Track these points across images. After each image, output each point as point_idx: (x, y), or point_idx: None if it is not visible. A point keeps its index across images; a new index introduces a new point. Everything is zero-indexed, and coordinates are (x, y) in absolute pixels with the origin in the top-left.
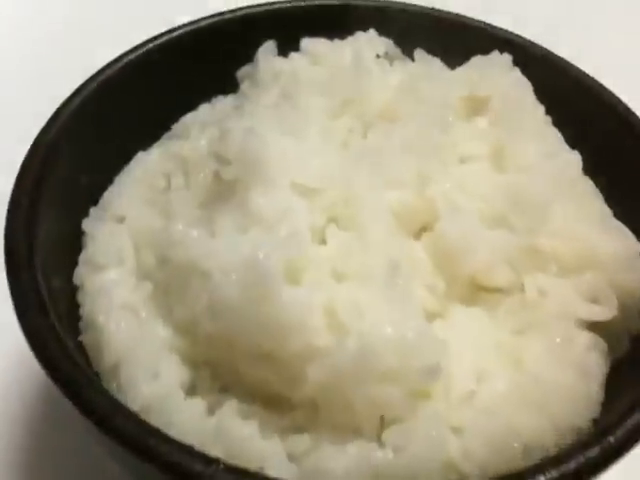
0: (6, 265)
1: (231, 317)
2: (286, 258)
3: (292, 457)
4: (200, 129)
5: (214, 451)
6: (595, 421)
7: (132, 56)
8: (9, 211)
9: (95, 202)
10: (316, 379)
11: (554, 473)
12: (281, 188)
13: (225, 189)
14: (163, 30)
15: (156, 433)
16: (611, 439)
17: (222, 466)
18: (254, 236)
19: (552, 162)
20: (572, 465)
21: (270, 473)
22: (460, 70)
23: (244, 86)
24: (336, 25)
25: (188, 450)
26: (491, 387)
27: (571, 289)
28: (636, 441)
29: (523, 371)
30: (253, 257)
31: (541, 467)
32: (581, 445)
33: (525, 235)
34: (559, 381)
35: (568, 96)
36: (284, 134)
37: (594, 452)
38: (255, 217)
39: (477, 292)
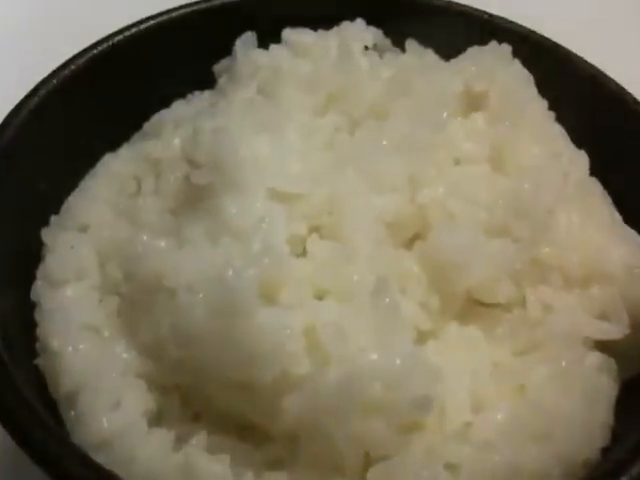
0: None
1: (198, 343)
2: (260, 275)
3: None
4: (173, 128)
5: None
6: (605, 450)
7: (96, 50)
8: None
9: (56, 210)
10: (294, 412)
11: None
12: (256, 194)
13: (196, 195)
14: (131, 22)
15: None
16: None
17: None
18: (225, 249)
19: (556, 164)
20: None
21: None
22: (455, 62)
23: (222, 81)
24: (321, 14)
25: None
26: (490, 418)
27: (578, 304)
28: None
29: (525, 399)
30: (223, 274)
31: None
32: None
33: (527, 245)
34: (565, 409)
35: (573, 90)
36: (261, 133)
37: None
38: (227, 227)
39: (474, 308)
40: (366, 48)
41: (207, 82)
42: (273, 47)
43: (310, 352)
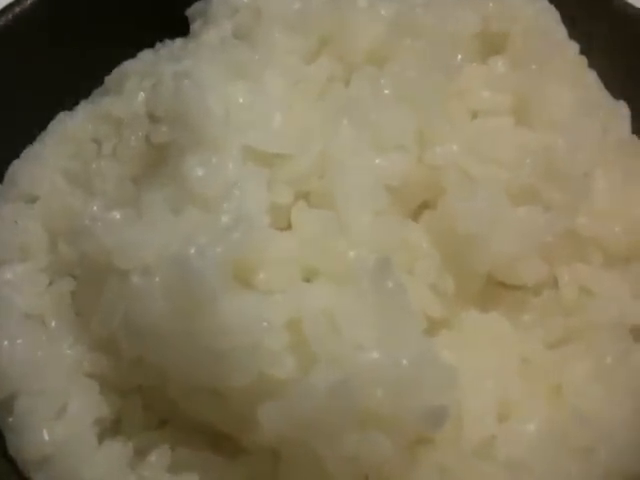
0: None
1: (154, 338)
2: (230, 252)
3: None
4: (138, 81)
5: None
6: None
7: None
8: None
9: (0, 178)
10: (272, 425)
11: None
12: (228, 154)
13: (157, 157)
14: None
15: None
16: None
17: None
18: (189, 221)
19: (593, 117)
20: None
21: None
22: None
23: (195, 26)
24: None
25: None
26: (519, 429)
27: (621, 285)
28: None
29: (562, 403)
30: (184, 252)
31: None
32: None
33: (561, 214)
34: (611, 415)
35: (609, 32)
36: (234, 80)
37: None
38: (191, 194)
39: (497, 291)
40: None
41: (181, 30)
42: None
43: (294, 350)
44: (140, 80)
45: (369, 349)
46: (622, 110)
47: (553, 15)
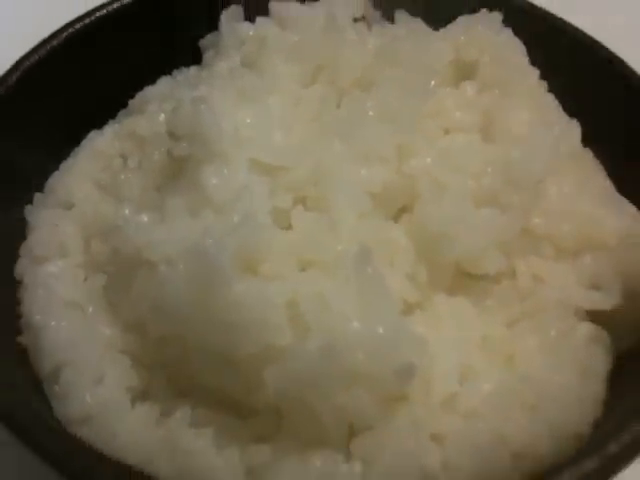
0: None
1: (179, 317)
2: (239, 244)
3: (249, 471)
4: (158, 104)
5: (162, 467)
6: (597, 423)
7: (79, 25)
8: None
9: (41, 188)
10: (275, 384)
11: None
12: (237, 166)
13: (177, 168)
14: None
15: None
16: (610, 450)
17: None
18: (205, 220)
19: (547, 133)
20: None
21: None
22: (445, 31)
23: (207, 56)
24: None
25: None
26: (477, 388)
27: (569, 274)
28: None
29: (514, 369)
30: (201, 244)
31: None
32: (578, 456)
33: (517, 215)
34: (555, 381)
35: (565, 59)
36: (243, 103)
37: (592, 464)
38: (207, 199)
39: (463, 280)
40: (355, 20)
41: (196, 59)
42: (259, 19)
43: (292, 323)
44: (160, 103)
45: (352, 321)
46: (574, 126)
47: (517, 45)
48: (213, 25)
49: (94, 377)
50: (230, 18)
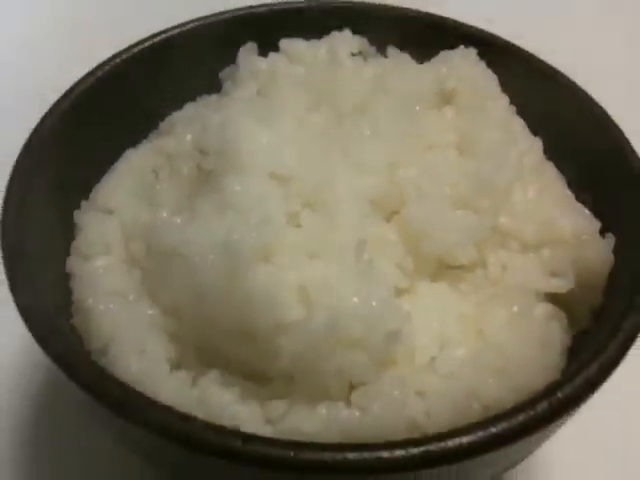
0: (3, 256)
1: (210, 297)
2: (259, 240)
3: (269, 420)
4: (185, 125)
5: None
6: None
7: (114, 63)
8: (4, 205)
9: (87, 197)
10: (289, 350)
11: (504, 424)
12: (255, 176)
13: (205, 179)
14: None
15: (140, 396)
16: (559, 395)
17: (199, 422)
18: (230, 221)
19: (514, 148)
20: (520, 418)
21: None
22: (429, 64)
23: (226, 85)
24: (313, 26)
25: (169, 409)
26: (453, 354)
27: (531, 264)
28: (584, 398)
29: (484, 340)
30: (228, 239)
31: (492, 420)
32: (530, 401)
33: (488, 216)
34: (519, 349)
35: (530, 87)
36: (259, 126)
37: (542, 406)
38: (231, 203)
39: (443, 269)
40: (353, 54)
41: (215, 88)
42: (271, 55)
43: (301, 302)
44: (186, 125)
45: (351, 298)
46: (537, 143)
47: (489, 75)
48: (231, 60)
49: (137, 350)
50: (246, 53)
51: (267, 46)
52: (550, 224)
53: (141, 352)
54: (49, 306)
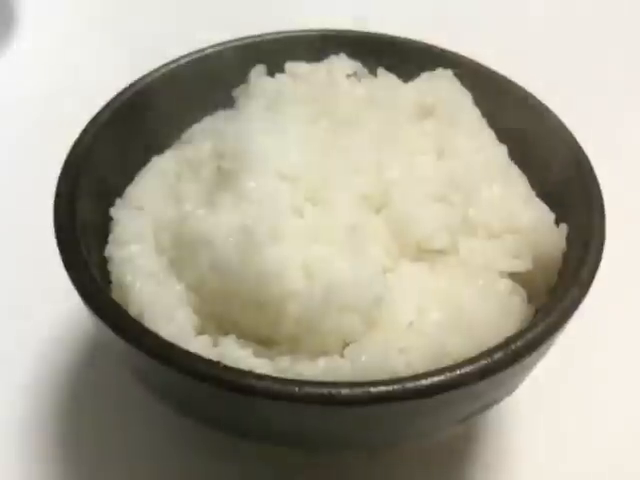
0: (57, 241)
1: (229, 272)
2: (269, 225)
3: (276, 370)
4: (203, 136)
5: None
6: None
7: (142, 84)
8: (55, 202)
9: (121, 195)
10: (293, 315)
11: (467, 368)
12: (266, 175)
13: (224, 178)
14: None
15: (175, 347)
16: (512, 346)
17: (222, 366)
18: (245, 211)
19: (483, 152)
20: (480, 364)
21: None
22: (412, 83)
23: (239, 102)
24: (314, 51)
25: (198, 358)
26: (429, 318)
27: (496, 249)
28: (534, 349)
29: (454, 308)
30: (243, 225)
31: (457, 365)
32: (488, 351)
33: (459, 209)
34: (483, 316)
35: (498, 102)
36: (268, 133)
37: (497, 355)
38: (246, 197)
39: (421, 253)
40: (348, 75)
41: (229, 104)
42: (278, 75)
43: (304, 276)
44: (204, 135)
45: (345, 271)
46: (502, 149)
47: (464, 92)
48: (243, 80)
49: (167, 318)
50: (256, 74)
51: (274, 68)
52: (512, 216)
53: (170, 320)
54: (96, 280)
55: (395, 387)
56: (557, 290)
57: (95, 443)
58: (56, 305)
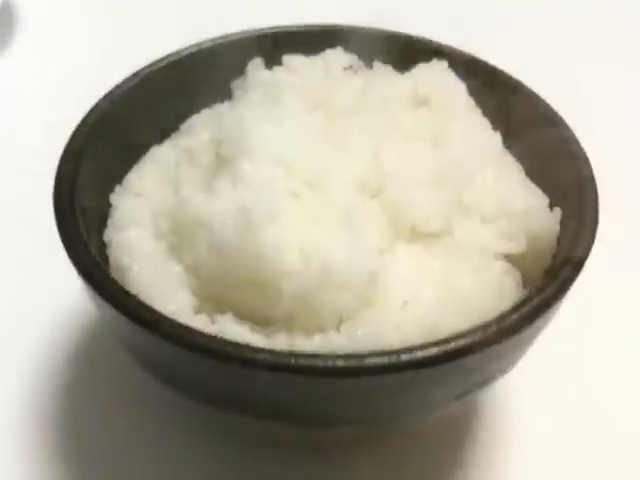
0: (56, 219)
1: (227, 252)
2: (266, 208)
3: (273, 346)
4: (202, 126)
5: None
6: None
7: (145, 72)
8: (55, 187)
9: (120, 182)
10: (290, 294)
11: (462, 341)
12: (264, 160)
13: (221, 164)
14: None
15: (176, 322)
16: (507, 320)
17: (221, 339)
18: (243, 194)
19: (477, 140)
20: (475, 336)
21: None
22: (408, 74)
23: (237, 94)
24: (312, 45)
25: (197, 331)
26: (422, 298)
27: (490, 232)
28: (529, 323)
29: (448, 288)
30: (243, 206)
31: (452, 337)
32: (483, 324)
33: (454, 194)
34: (477, 296)
35: (492, 91)
36: (266, 121)
37: (492, 329)
38: (244, 180)
39: (417, 236)
40: (345, 68)
41: (227, 97)
42: (275, 68)
43: (301, 257)
44: (203, 125)
45: (341, 251)
46: (496, 136)
47: (458, 82)
48: (241, 72)
49: (167, 297)
50: (254, 67)
51: (272, 62)
52: (506, 199)
53: (168, 300)
54: (95, 258)
55: (391, 358)
56: (550, 272)
57: (96, 430)
58: (57, 290)
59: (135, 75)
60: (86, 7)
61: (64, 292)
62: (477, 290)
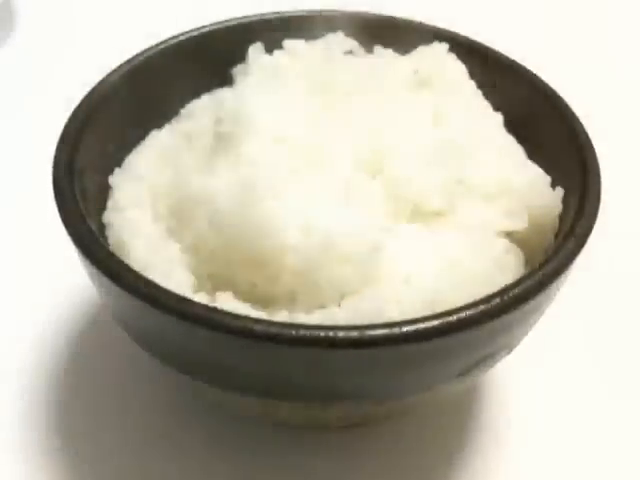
0: (55, 199)
1: (229, 227)
2: (268, 183)
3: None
4: (202, 111)
5: None
6: None
7: (140, 58)
8: (53, 167)
9: (119, 165)
10: (291, 268)
11: (465, 313)
12: (264, 138)
13: (221, 142)
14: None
15: (177, 295)
16: (510, 293)
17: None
18: (243, 172)
19: (478, 120)
20: (478, 309)
21: None
22: (409, 56)
23: (237, 79)
24: (312, 30)
25: (197, 303)
26: (423, 273)
27: (491, 210)
28: (531, 297)
29: (449, 264)
30: (244, 182)
31: (454, 310)
32: (487, 297)
33: (455, 172)
34: (478, 272)
35: (492, 73)
36: (267, 100)
37: (495, 301)
38: (243, 159)
39: (418, 215)
40: (345, 53)
41: (228, 83)
42: (276, 52)
43: (302, 233)
44: (203, 110)
45: (343, 224)
46: (497, 117)
47: (458, 65)
48: (242, 58)
49: (166, 275)
50: (255, 51)
51: (273, 47)
52: (508, 178)
53: (167, 278)
54: (94, 233)
55: (392, 330)
56: (551, 250)
57: (94, 412)
58: (57, 274)
59: (134, 58)
60: (86, 8)
61: (65, 284)
62: (480, 266)
